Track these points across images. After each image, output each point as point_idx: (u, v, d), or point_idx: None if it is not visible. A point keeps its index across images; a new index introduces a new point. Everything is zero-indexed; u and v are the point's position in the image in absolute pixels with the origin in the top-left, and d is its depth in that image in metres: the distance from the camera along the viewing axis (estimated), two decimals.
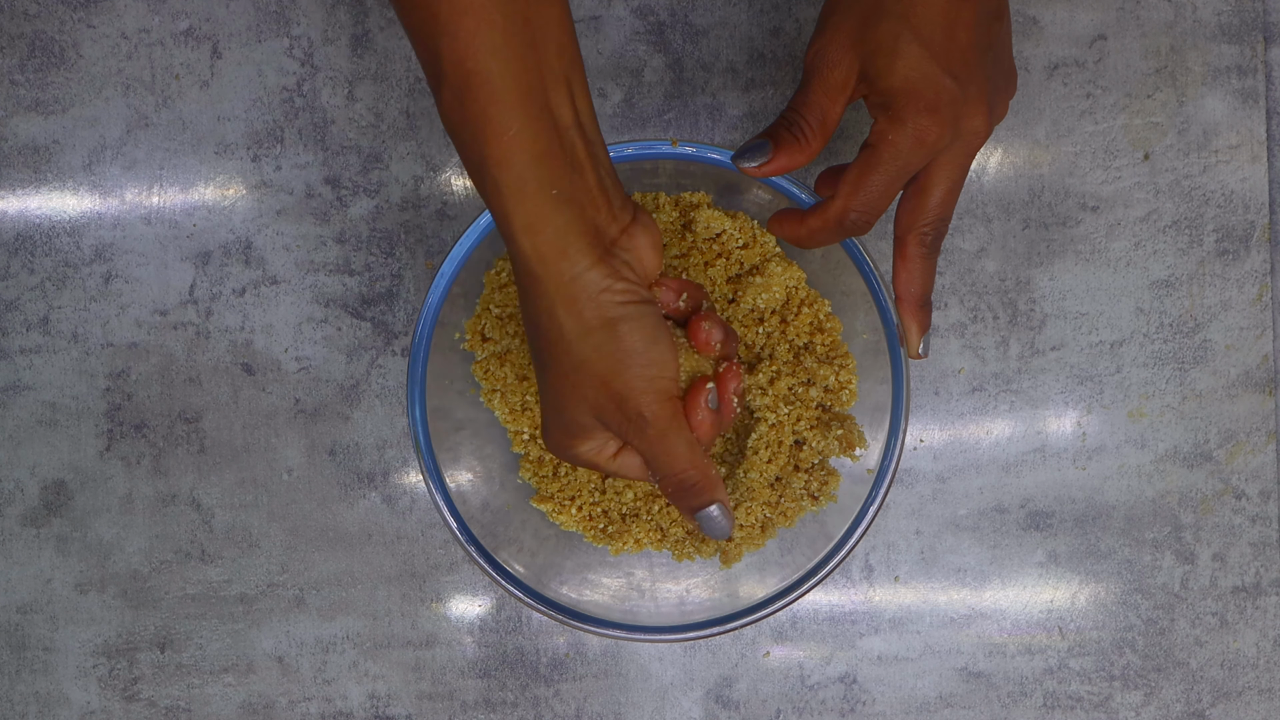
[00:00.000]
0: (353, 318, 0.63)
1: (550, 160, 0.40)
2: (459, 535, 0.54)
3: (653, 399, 0.43)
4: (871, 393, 0.56)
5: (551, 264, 0.41)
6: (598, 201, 0.42)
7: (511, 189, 0.40)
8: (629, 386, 0.43)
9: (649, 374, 0.43)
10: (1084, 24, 0.62)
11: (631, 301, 0.42)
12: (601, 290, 0.42)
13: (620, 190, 0.43)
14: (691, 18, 0.62)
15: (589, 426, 0.45)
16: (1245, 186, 0.63)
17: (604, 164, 0.43)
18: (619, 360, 0.42)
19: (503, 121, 0.39)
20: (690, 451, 0.44)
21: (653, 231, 0.44)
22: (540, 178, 0.40)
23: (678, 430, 0.44)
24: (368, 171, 0.63)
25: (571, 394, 0.44)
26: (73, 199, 0.63)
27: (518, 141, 0.40)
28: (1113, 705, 0.63)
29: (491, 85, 0.39)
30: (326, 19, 0.63)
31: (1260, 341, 0.63)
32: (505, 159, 0.40)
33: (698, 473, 0.45)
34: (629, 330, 0.42)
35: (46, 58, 0.63)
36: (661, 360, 0.43)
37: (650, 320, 0.43)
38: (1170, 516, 0.63)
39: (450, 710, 0.64)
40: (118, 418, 0.64)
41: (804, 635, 0.64)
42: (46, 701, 0.64)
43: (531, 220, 0.41)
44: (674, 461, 0.44)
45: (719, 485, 0.45)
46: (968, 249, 0.63)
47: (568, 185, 0.41)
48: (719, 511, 0.45)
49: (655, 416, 0.43)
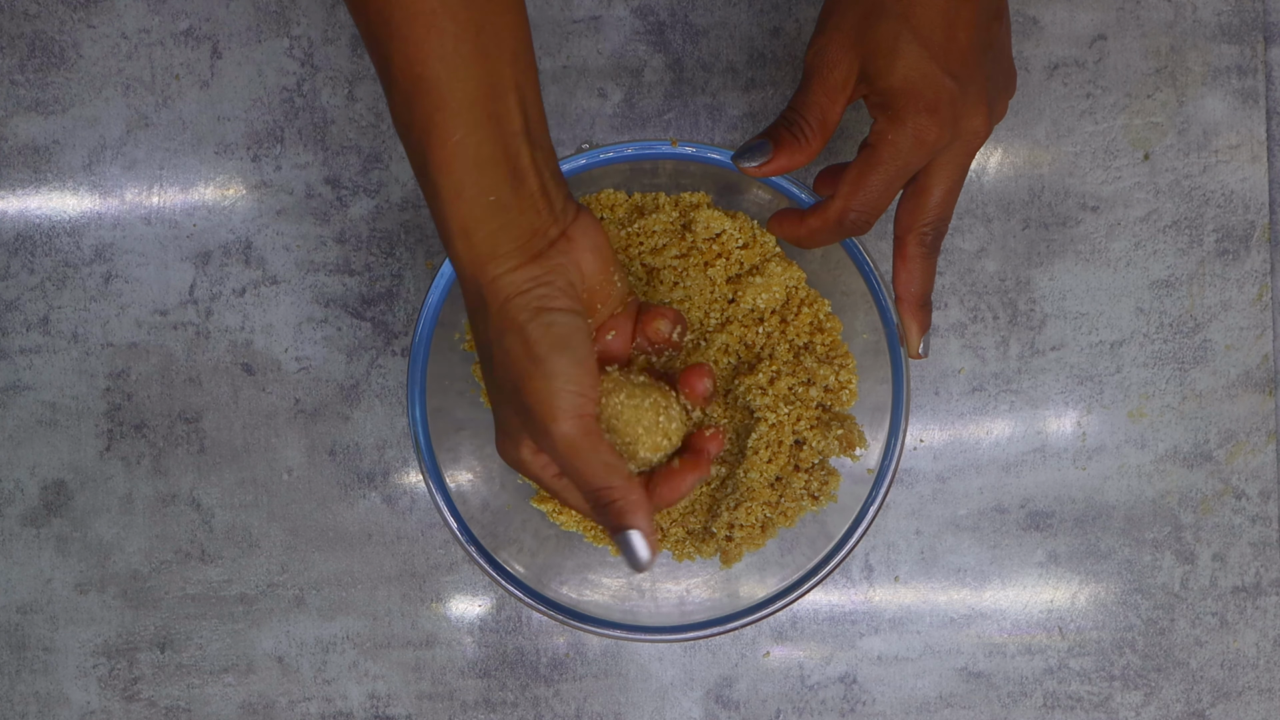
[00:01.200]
0: (353, 318, 0.63)
1: (492, 168, 0.41)
2: (459, 535, 0.54)
3: (559, 413, 0.42)
4: (871, 393, 0.56)
5: (481, 265, 0.41)
6: (538, 206, 0.42)
7: (450, 194, 0.41)
8: (535, 396, 0.42)
9: (554, 386, 0.41)
10: (1084, 24, 0.62)
11: (547, 309, 0.42)
12: (519, 293, 0.42)
13: (563, 193, 0.43)
14: (691, 18, 0.62)
15: (518, 428, 0.44)
16: (1245, 186, 0.63)
17: (549, 168, 0.43)
18: (525, 367, 0.42)
19: (447, 128, 0.40)
20: (607, 471, 0.43)
21: (594, 233, 0.44)
22: (479, 185, 0.41)
23: (591, 448, 0.42)
24: (368, 171, 0.63)
25: (498, 396, 0.44)
26: (73, 199, 0.63)
27: (460, 148, 0.40)
28: (1113, 705, 0.63)
29: (439, 91, 0.39)
30: (326, 19, 0.63)
31: (1260, 341, 0.63)
32: (447, 164, 0.40)
33: (615, 492, 0.43)
34: (537, 335, 0.41)
35: (46, 58, 0.63)
36: (569, 371, 0.42)
37: (563, 328, 0.42)
38: (1170, 516, 0.63)
39: (450, 710, 0.64)
40: (118, 418, 0.64)
41: (804, 635, 0.64)
42: (46, 701, 0.64)
43: (465, 224, 0.41)
44: (588, 478, 0.43)
45: (638, 510, 0.43)
46: (968, 249, 0.63)
47: (507, 192, 0.41)
48: (638, 540, 0.43)
49: (561, 434, 0.42)
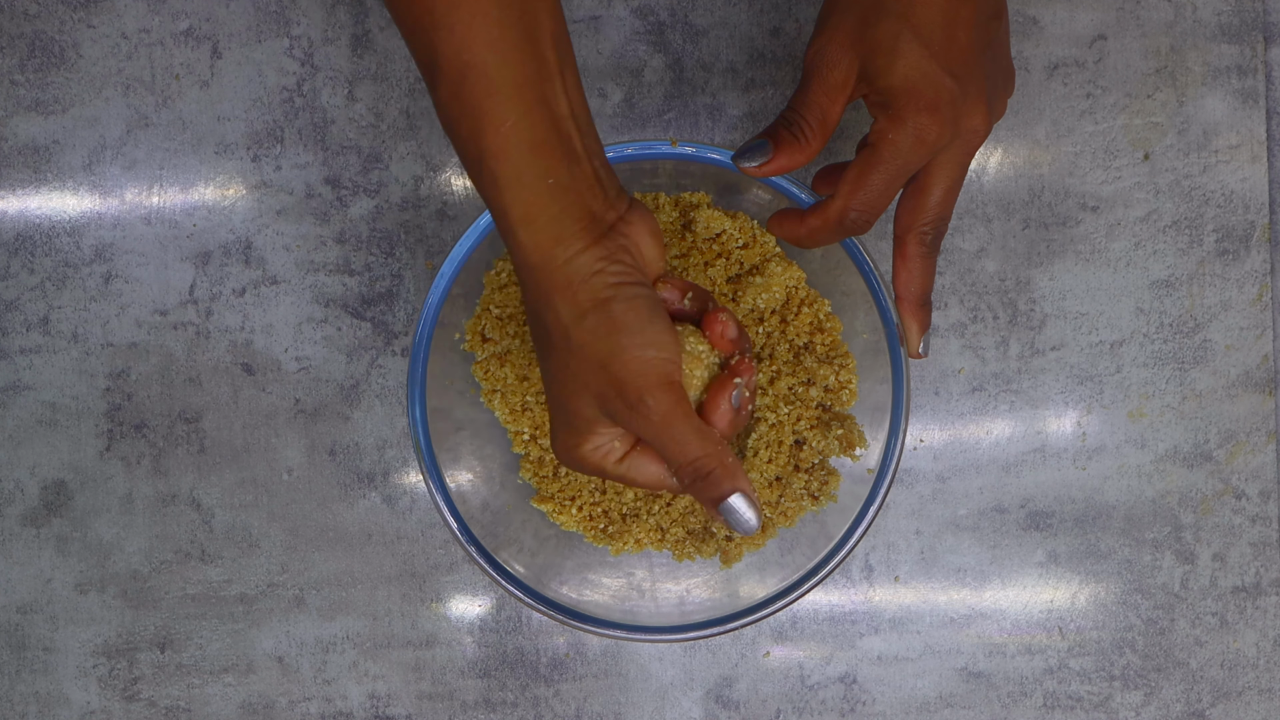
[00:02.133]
0: (353, 318, 0.63)
1: (547, 151, 0.40)
2: (459, 535, 0.54)
3: (654, 381, 0.42)
4: (871, 393, 0.56)
5: (547, 252, 0.41)
6: (594, 190, 0.42)
7: (509, 180, 0.40)
8: (627, 369, 0.41)
9: (647, 355, 0.41)
10: (1084, 24, 0.62)
11: (626, 283, 0.42)
12: (594, 273, 0.41)
13: (615, 180, 0.43)
14: (691, 18, 0.62)
15: (592, 420, 0.43)
16: (1245, 186, 0.63)
17: (598, 154, 0.42)
18: (615, 341, 0.41)
19: (500, 114, 0.40)
20: (700, 438, 0.42)
21: (650, 220, 0.44)
22: (537, 169, 0.40)
23: (684, 416, 0.42)
24: (368, 171, 0.63)
25: (573, 383, 0.43)
26: (73, 199, 0.63)
27: (515, 133, 0.40)
28: (1113, 705, 0.63)
29: (488, 78, 0.39)
30: (326, 19, 0.63)
31: (1260, 341, 0.63)
32: (503, 151, 0.40)
33: (713, 460, 0.43)
34: (623, 310, 0.41)
35: (46, 58, 0.63)
36: (659, 340, 0.42)
37: (645, 301, 0.42)
38: (1170, 516, 0.63)
39: (450, 710, 0.64)
40: (118, 418, 0.64)
41: (804, 635, 0.64)
42: (46, 701, 0.64)
43: (528, 211, 0.41)
44: (685, 449, 0.42)
45: (739, 473, 0.43)
46: (968, 249, 0.63)
47: (565, 175, 0.41)
48: (742, 502, 0.43)
49: (658, 401, 0.42)
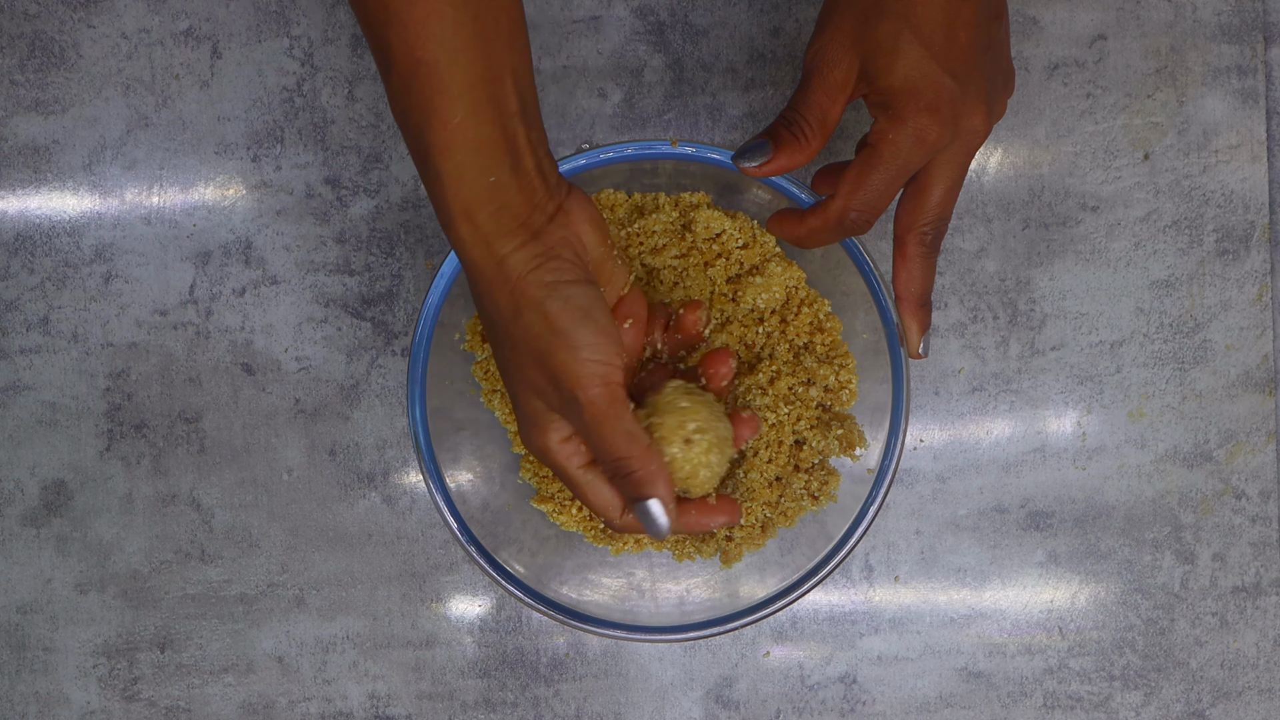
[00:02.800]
0: (353, 318, 0.63)
1: (490, 149, 0.41)
2: (459, 535, 0.54)
3: (586, 381, 0.42)
4: (871, 392, 0.56)
5: (486, 247, 0.42)
6: (535, 185, 0.42)
7: (451, 177, 0.41)
8: (562, 367, 0.42)
9: (580, 355, 0.42)
10: (1084, 24, 0.62)
11: (561, 280, 0.42)
12: (531, 269, 0.42)
13: (555, 170, 0.44)
14: (691, 18, 0.62)
15: (542, 411, 0.44)
16: (1245, 186, 0.63)
17: (542, 147, 0.43)
18: (549, 340, 0.42)
19: (448, 111, 0.40)
20: (629, 440, 0.43)
21: (588, 207, 0.44)
22: (480, 167, 0.41)
23: (616, 416, 0.43)
24: (368, 171, 0.63)
25: (517, 376, 0.44)
26: (73, 199, 0.63)
27: (460, 131, 0.40)
28: (1113, 705, 0.63)
29: (438, 75, 0.40)
30: (326, 19, 0.63)
31: (1260, 341, 0.63)
32: (447, 147, 0.41)
33: (635, 461, 0.44)
34: (557, 310, 0.42)
35: (46, 58, 0.63)
36: (593, 341, 0.42)
37: (581, 299, 0.42)
38: (1170, 516, 0.63)
39: (450, 710, 0.64)
40: (118, 418, 0.64)
41: (804, 635, 0.64)
42: (46, 701, 0.64)
43: (468, 206, 0.41)
44: (610, 447, 0.43)
45: (660, 479, 0.44)
46: (968, 249, 0.63)
47: (506, 173, 0.41)
48: (657, 507, 0.44)
49: (589, 400, 0.42)
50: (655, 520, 0.44)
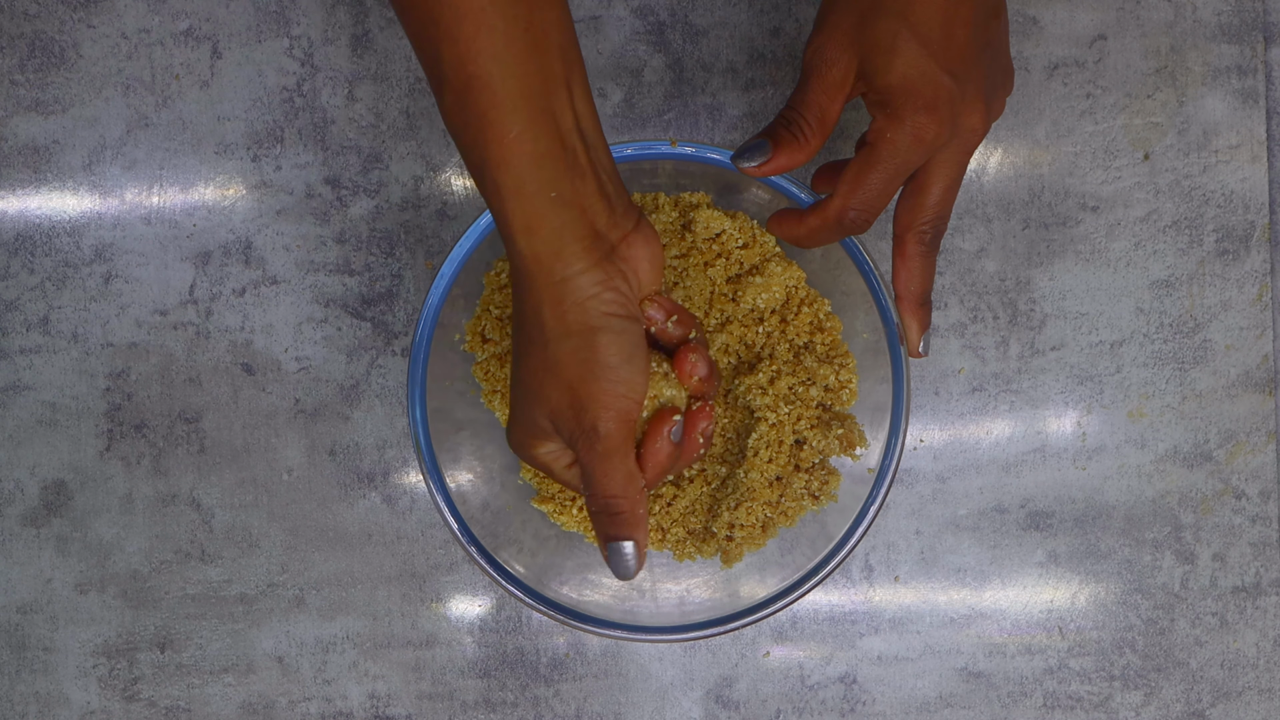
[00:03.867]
0: (353, 318, 0.63)
1: (550, 163, 0.40)
2: (459, 535, 0.54)
3: (612, 416, 0.43)
4: (872, 392, 0.56)
5: (545, 264, 0.41)
6: (598, 206, 0.42)
7: (511, 190, 0.41)
8: (592, 398, 0.42)
9: (616, 390, 0.42)
10: (1084, 24, 0.62)
11: (616, 315, 0.42)
12: (589, 297, 0.42)
13: (624, 197, 0.43)
14: (691, 18, 0.62)
15: (545, 430, 0.45)
16: (1245, 186, 0.63)
17: (606, 168, 0.43)
18: (589, 370, 0.42)
19: (503, 125, 0.40)
20: (628, 481, 0.44)
21: (653, 244, 0.44)
22: (539, 180, 0.40)
23: (624, 455, 0.44)
24: (368, 171, 0.63)
25: (537, 393, 0.44)
26: (73, 199, 0.63)
27: (518, 144, 0.40)
28: (1113, 705, 0.63)
29: (492, 89, 0.39)
30: (326, 19, 0.63)
31: (1260, 341, 0.63)
32: (505, 161, 0.40)
33: (627, 503, 0.44)
34: (607, 342, 0.42)
35: (46, 58, 0.63)
36: (630, 380, 0.43)
37: (631, 338, 0.43)
38: (1170, 516, 0.63)
39: (450, 710, 0.64)
40: (118, 418, 0.64)
41: (804, 635, 0.64)
42: (46, 701, 0.64)
43: (529, 221, 0.41)
44: (609, 484, 0.44)
45: (642, 525, 0.45)
46: (968, 249, 0.63)
47: (568, 188, 0.41)
48: (631, 551, 0.45)
49: (608, 434, 0.43)
50: (627, 561, 0.45)
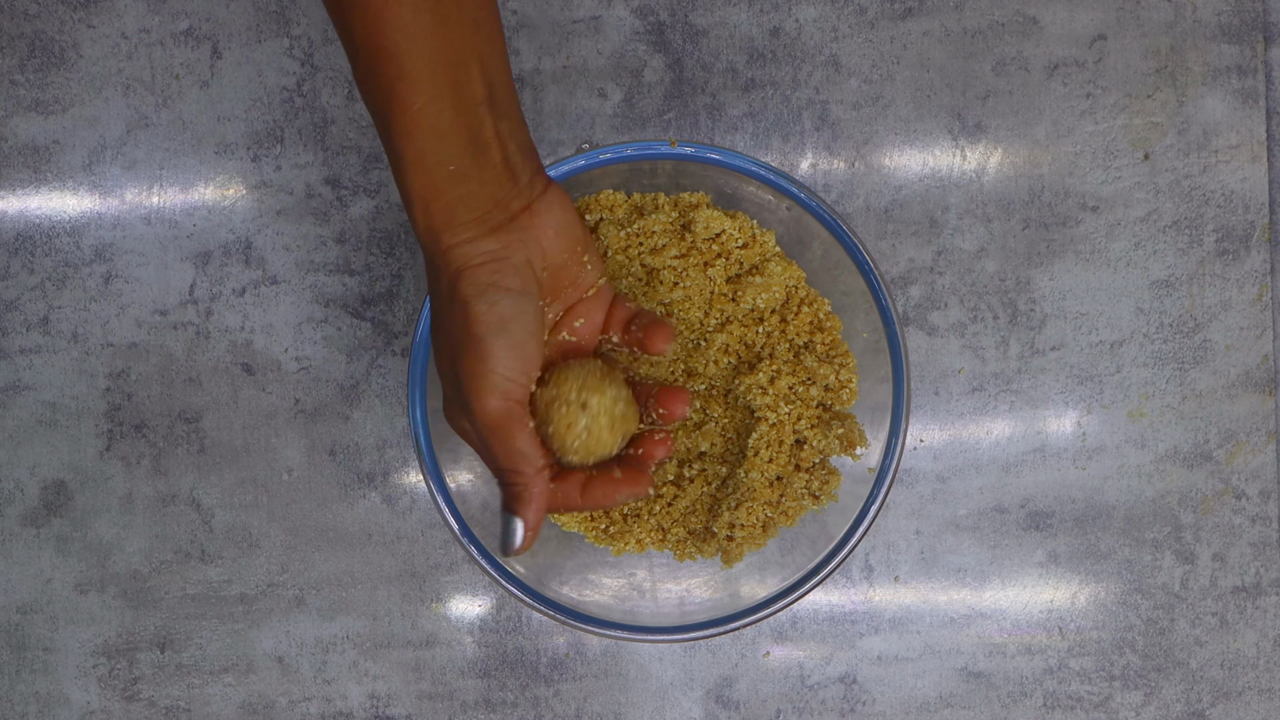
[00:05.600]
0: (353, 318, 0.63)
1: (452, 136, 0.41)
2: (459, 535, 0.54)
3: (485, 392, 0.42)
4: (872, 392, 0.56)
5: (436, 233, 0.42)
6: (500, 178, 0.42)
7: (411, 161, 0.41)
8: (466, 371, 0.42)
9: (485, 366, 0.42)
10: (1084, 24, 0.62)
11: (496, 285, 0.42)
12: (474, 265, 0.42)
13: (532, 165, 0.43)
14: (691, 18, 0.62)
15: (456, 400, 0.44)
16: (1245, 186, 0.63)
17: (517, 137, 0.42)
18: (462, 342, 0.42)
19: (408, 97, 0.40)
20: (521, 458, 0.43)
21: (559, 211, 0.43)
22: (440, 152, 0.41)
23: (509, 432, 0.43)
24: (368, 171, 0.63)
25: (439, 361, 0.44)
26: (73, 199, 0.63)
27: (421, 116, 0.40)
28: (1113, 705, 0.63)
29: (399, 61, 0.40)
30: (326, 19, 0.63)
31: (1260, 341, 0.63)
32: (408, 132, 0.40)
33: (521, 478, 0.44)
34: (480, 312, 0.42)
35: (46, 58, 0.63)
36: (503, 354, 0.42)
37: (507, 309, 0.42)
38: (1170, 516, 0.63)
39: (450, 710, 0.64)
40: (118, 418, 0.64)
41: (804, 635, 0.64)
42: (46, 701, 0.64)
43: (425, 191, 0.41)
44: (498, 459, 0.44)
45: (533, 505, 0.44)
46: (968, 249, 0.63)
47: (467, 162, 0.41)
48: (518, 527, 0.44)
49: (484, 410, 0.42)
50: (512, 536, 0.44)
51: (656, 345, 0.47)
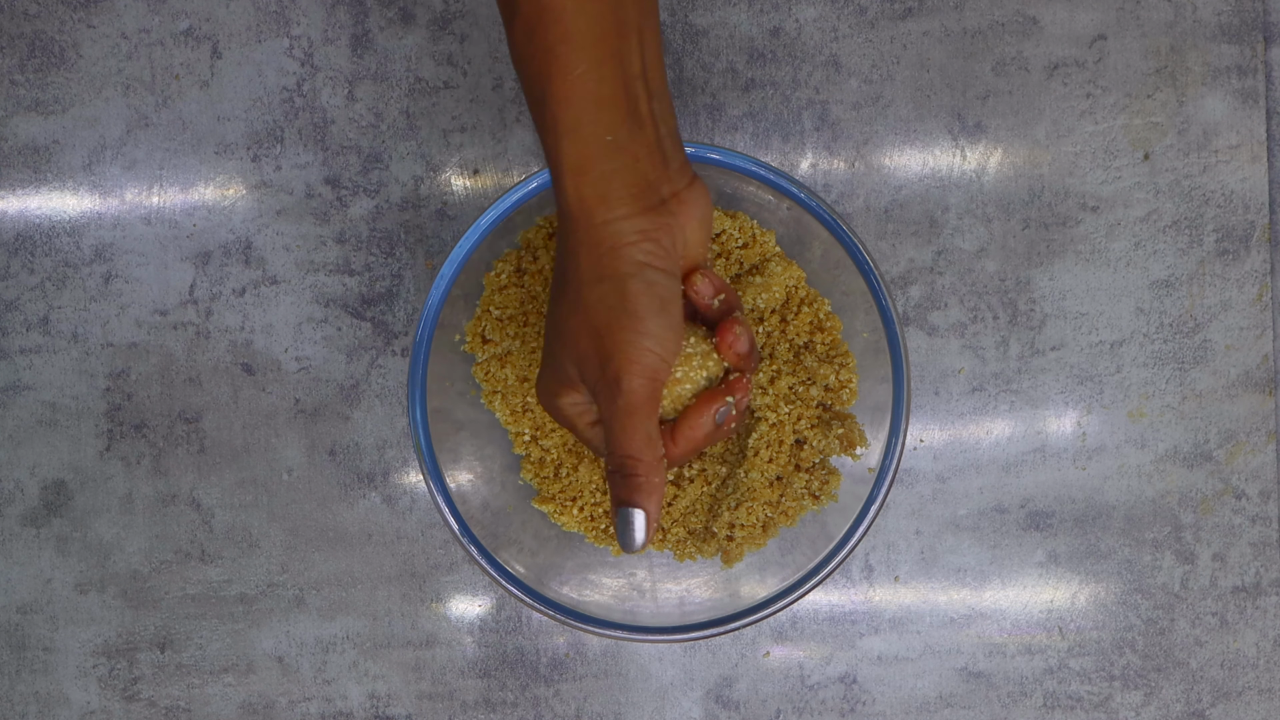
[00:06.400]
0: (353, 318, 0.63)
1: (611, 107, 0.40)
2: (460, 536, 0.54)
3: (636, 370, 0.41)
4: (872, 392, 0.56)
5: (589, 206, 0.41)
6: (653, 158, 0.41)
7: (568, 128, 0.40)
8: (618, 347, 0.41)
9: (643, 344, 0.41)
10: (1084, 24, 0.62)
11: (652, 266, 0.41)
12: (628, 243, 0.41)
13: (681, 154, 0.42)
14: (691, 18, 0.62)
15: (572, 378, 0.44)
16: (1245, 186, 0.63)
17: (667, 123, 0.42)
18: (617, 318, 0.41)
19: (570, 60, 0.39)
20: (646, 443, 0.42)
21: (704, 205, 0.43)
22: (598, 121, 0.40)
23: (646, 415, 0.42)
24: (368, 171, 0.63)
25: (567, 337, 0.43)
26: (73, 199, 0.63)
27: (581, 83, 0.39)
28: (1113, 705, 0.63)
29: (564, 23, 0.39)
30: (326, 19, 0.63)
31: (1260, 341, 0.63)
32: (567, 98, 0.40)
33: (643, 467, 0.43)
34: (638, 291, 0.41)
35: (46, 58, 0.63)
36: (659, 335, 0.41)
37: (664, 290, 0.41)
38: (1170, 516, 0.63)
39: (450, 710, 0.64)
40: (118, 418, 0.64)
41: (804, 635, 0.64)
42: (46, 701, 0.64)
43: (580, 161, 0.40)
44: (628, 442, 0.42)
45: (656, 495, 0.43)
46: (968, 249, 0.63)
47: (625, 134, 0.40)
48: (640, 519, 0.43)
49: (630, 389, 0.41)
50: (634, 531, 0.43)
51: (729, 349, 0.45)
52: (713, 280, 0.44)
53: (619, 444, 0.43)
